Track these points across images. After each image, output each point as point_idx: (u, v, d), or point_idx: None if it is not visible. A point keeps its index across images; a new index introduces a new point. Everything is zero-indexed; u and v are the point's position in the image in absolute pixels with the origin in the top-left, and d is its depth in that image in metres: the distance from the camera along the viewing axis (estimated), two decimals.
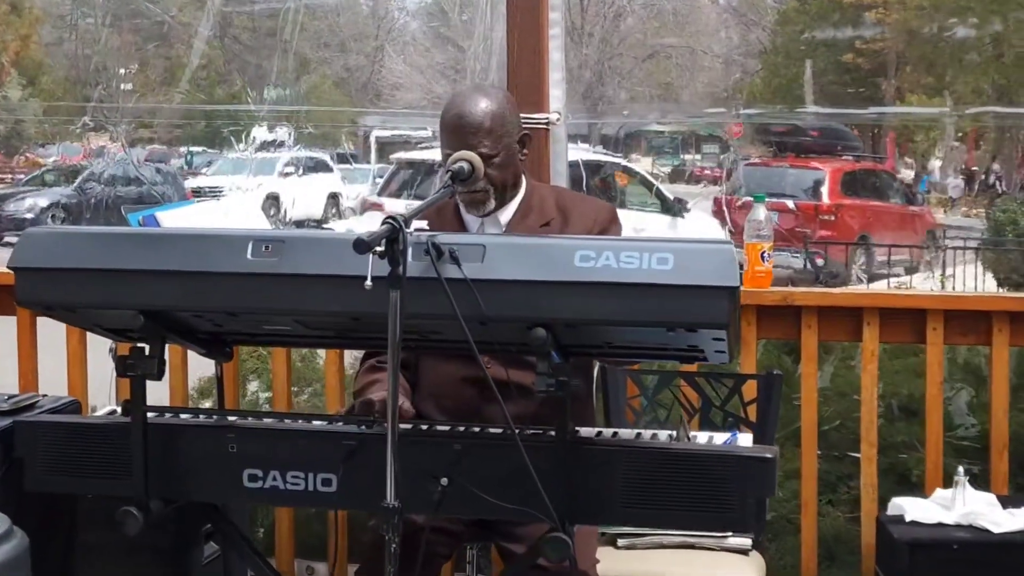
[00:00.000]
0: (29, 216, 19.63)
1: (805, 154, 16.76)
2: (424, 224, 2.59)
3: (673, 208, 13.07)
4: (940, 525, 3.42)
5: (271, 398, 4.29)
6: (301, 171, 21.93)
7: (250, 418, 2.96)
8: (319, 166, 23.09)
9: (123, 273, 2.64)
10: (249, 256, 2.60)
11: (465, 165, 2.97)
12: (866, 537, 3.78)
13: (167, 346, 2.80)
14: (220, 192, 21.50)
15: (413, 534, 2.76)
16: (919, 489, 4.52)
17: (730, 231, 13.69)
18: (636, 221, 12.27)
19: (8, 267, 2.76)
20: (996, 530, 3.37)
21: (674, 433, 2.80)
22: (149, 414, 2.78)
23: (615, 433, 2.80)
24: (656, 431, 2.82)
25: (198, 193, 21.75)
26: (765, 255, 3.83)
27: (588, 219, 3.22)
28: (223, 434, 2.78)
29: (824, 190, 15.75)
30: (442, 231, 3.06)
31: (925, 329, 3.74)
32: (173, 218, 3.20)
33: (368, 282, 2.30)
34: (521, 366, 2.86)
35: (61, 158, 25.75)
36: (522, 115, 3.61)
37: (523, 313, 2.50)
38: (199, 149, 33.36)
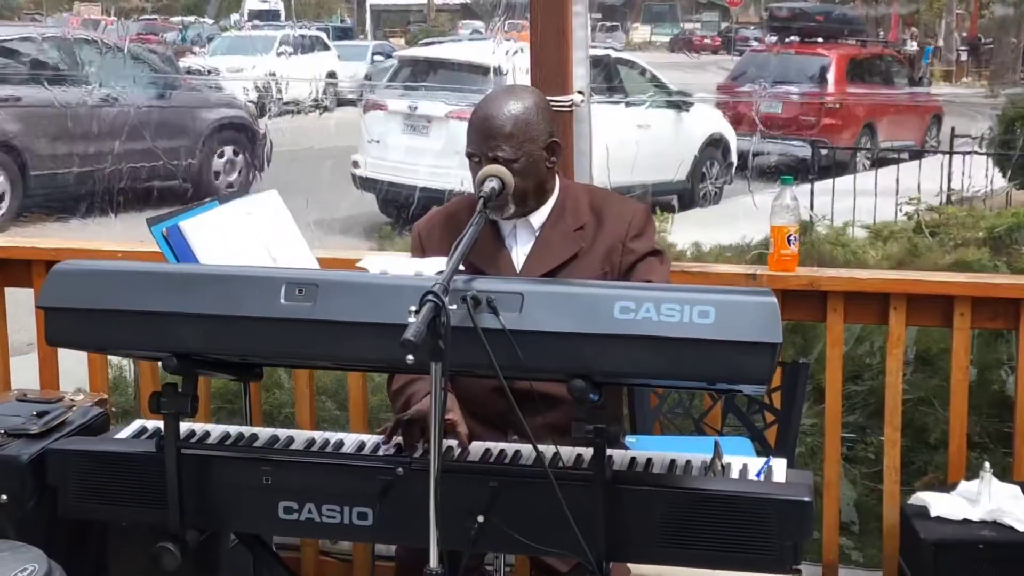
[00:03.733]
0: None
1: (810, 39, 16.55)
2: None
3: (676, 101, 12.93)
4: (965, 522, 3.43)
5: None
6: (297, 51, 21.60)
7: (281, 437, 2.94)
8: (315, 44, 22.73)
9: (155, 316, 2.61)
10: (282, 300, 2.57)
11: (496, 184, 2.92)
12: (888, 519, 3.80)
13: None
14: (217, 72, 21.24)
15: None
16: (937, 451, 4.58)
17: (731, 119, 13.58)
18: (641, 117, 12.14)
19: (38, 306, 2.73)
20: (1022, 528, 3.39)
21: (707, 460, 2.80)
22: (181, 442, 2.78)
23: (649, 460, 2.80)
24: (690, 457, 2.81)
25: (193, 74, 21.47)
26: (792, 238, 3.78)
27: (623, 221, 3.18)
28: (258, 467, 2.78)
29: (830, 77, 15.56)
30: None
31: (952, 314, 3.72)
32: (197, 227, 3.14)
33: (410, 359, 2.27)
34: None
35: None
36: (546, 98, 3.54)
37: (561, 365, 2.48)
38: (192, 19, 32.78)
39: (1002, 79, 18.19)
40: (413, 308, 2.31)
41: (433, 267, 2.68)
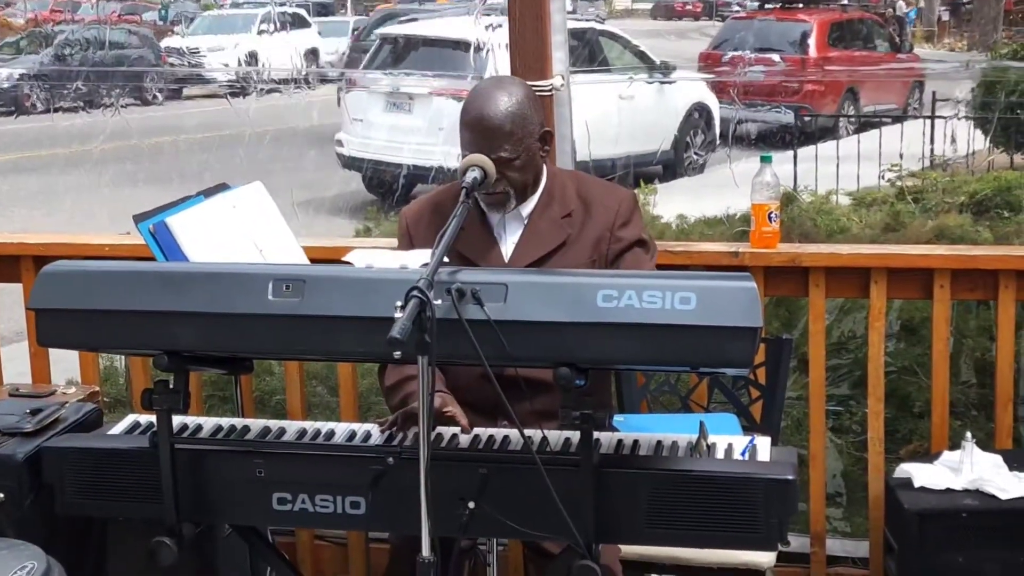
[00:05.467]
0: (6, 86, 19.32)
1: (791, 5, 16.58)
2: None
3: (658, 72, 12.96)
4: (948, 491, 3.49)
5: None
6: (278, 27, 21.57)
7: (273, 429, 2.98)
8: (296, 21, 22.67)
9: (145, 315, 2.65)
10: (270, 296, 2.61)
11: (478, 173, 2.94)
12: (873, 490, 3.86)
13: None
14: (198, 52, 21.21)
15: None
16: (921, 419, 4.63)
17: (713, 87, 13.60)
18: (623, 89, 12.13)
19: (28, 308, 2.76)
20: (1004, 496, 3.45)
21: (693, 440, 2.85)
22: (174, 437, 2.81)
23: (635, 442, 2.84)
24: (676, 438, 2.86)
25: (173, 54, 21.42)
26: (772, 215, 3.83)
27: (610, 209, 3.22)
28: (251, 459, 2.82)
29: (811, 43, 15.61)
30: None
31: (932, 286, 3.77)
32: (183, 223, 3.16)
33: (396, 354, 2.31)
34: None
35: (31, 18, 25.18)
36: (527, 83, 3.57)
37: (547, 354, 2.53)
38: None
39: (983, 41, 18.23)
40: (399, 303, 2.35)
41: (418, 259, 2.71)
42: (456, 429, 2.92)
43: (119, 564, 3.40)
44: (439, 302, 2.43)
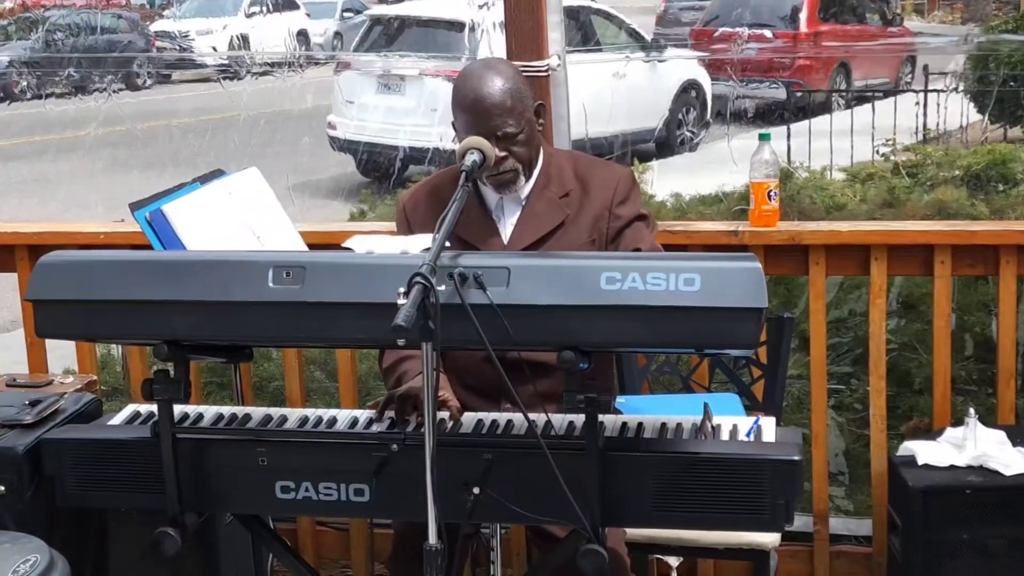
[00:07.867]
0: None
1: None
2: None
3: (650, 49, 12.95)
4: (952, 468, 3.49)
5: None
6: (270, 9, 21.50)
7: (274, 417, 2.96)
8: (285, 3, 22.57)
9: (144, 304, 2.62)
10: (270, 284, 2.58)
11: (477, 156, 2.91)
12: (876, 467, 3.86)
13: None
14: (188, 37, 21.09)
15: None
16: (921, 395, 4.63)
17: (705, 64, 13.56)
18: (616, 67, 12.11)
19: (26, 299, 2.74)
20: (1007, 472, 3.44)
21: (697, 421, 2.84)
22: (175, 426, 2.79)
23: (640, 425, 2.83)
24: (680, 420, 2.84)
25: (163, 37, 21.30)
26: (772, 193, 3.81)
27: (608, 188, 3.20)
28: (253, 448, 2.79)
29: (802, 17, 15.56)
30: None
31: (933, 262, 3.75)
32: (180, 210, 3.14)
33: (400, 341, 2.29)
34: None
35: (19, 3, 25.04)
36: (522, 64, 3.56)
37: (550, 338, 2.51)
38: None
39: (975, 14, 18.17)
40: (402, 290, 2.33)
41: (418, 244, 2.69)
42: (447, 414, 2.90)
43: (121, 554, 3.39)
44: (442, 287, 2.41)
